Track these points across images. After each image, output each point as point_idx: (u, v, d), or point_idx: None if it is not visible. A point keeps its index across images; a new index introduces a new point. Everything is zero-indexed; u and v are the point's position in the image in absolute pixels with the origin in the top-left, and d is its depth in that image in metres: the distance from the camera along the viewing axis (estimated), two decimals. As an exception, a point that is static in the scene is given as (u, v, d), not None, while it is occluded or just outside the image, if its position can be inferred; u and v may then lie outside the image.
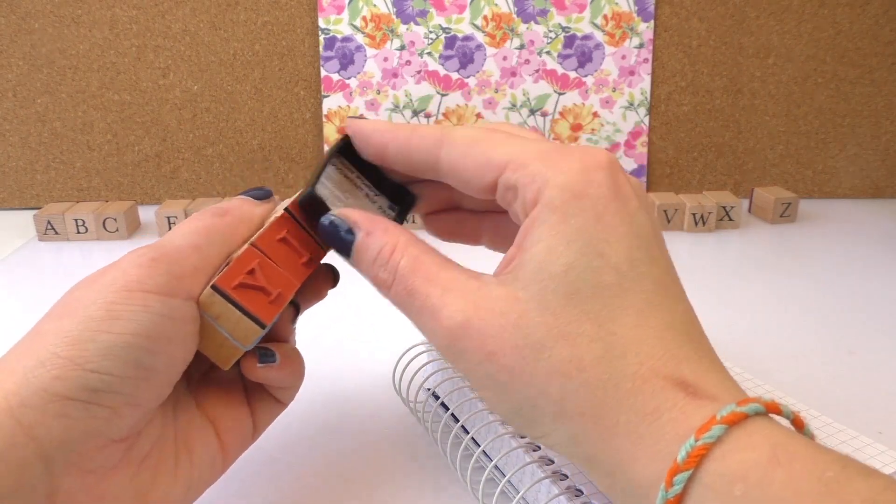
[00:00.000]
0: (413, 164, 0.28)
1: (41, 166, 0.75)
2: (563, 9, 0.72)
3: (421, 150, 0.27)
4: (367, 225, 0.26)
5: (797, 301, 0.53)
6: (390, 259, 0.25)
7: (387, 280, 0.25)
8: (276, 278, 0.28)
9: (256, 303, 0.27)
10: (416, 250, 0.25)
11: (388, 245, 0.26)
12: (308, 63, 0.73)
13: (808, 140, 0.77)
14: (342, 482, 0.33)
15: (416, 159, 0.27)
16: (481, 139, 0.26)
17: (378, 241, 0.26)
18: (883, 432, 0.36)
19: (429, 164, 0.27)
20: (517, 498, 0.29)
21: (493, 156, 0.25)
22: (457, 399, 0.34)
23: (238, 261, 0.27)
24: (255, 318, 0.26)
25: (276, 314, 0.27)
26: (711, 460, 0.19)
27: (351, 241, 0.27)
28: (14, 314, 0.52)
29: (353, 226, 0.27)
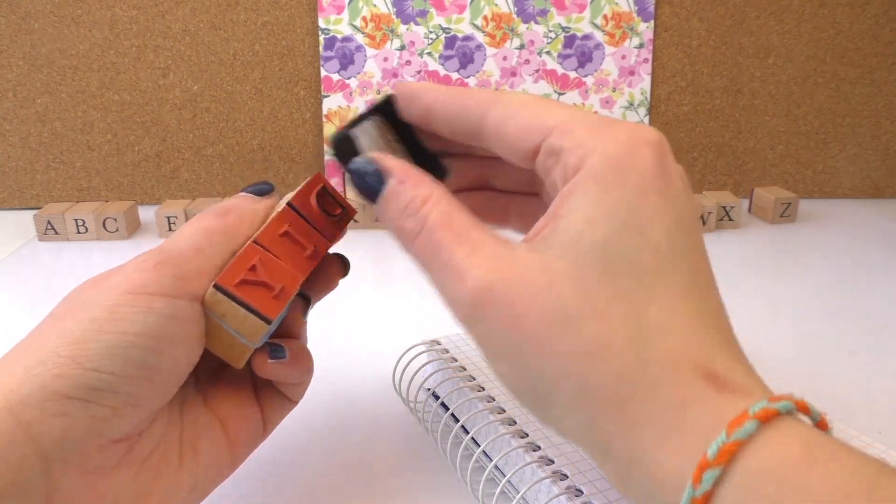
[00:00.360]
0: (458, 125, 0.26)
1: (41, 166, 0.75)
2: (563, 9, 0.72)
3: (470, 108, 0.26)
4: (401, 173, 0.25)
5: (797, 301, 0.53)
6: (421, 209, 0.24)
7: (413, 230, 0.24)
8: (279, 272, 0.28)
9: (260, 298, 0.27)
10: (448, 206, 0.24)
11: (419, 196, 0.24)
12: (308, 63, 0.73)
13: (808, 140, 0.77)
14: (342, 482, 0.33)
15: (462, 119, 0.26)
16: (532, 103, 0.25)
17: (410, 191, 0.25)
18: (883, 432, 0.36)
19: (475, 125, 0.26)
20: (517, 498, 0.29)
21: (541, 118, 0.24)
22: (457, 399, 0.34)
23: (238, 258, 0.27)
24: (259, 314, 0.26)
25: (280, 308, 0.27)
26: (743, 457, 0.18)
27: (380, 188, 0.25)
28: (14, 314, 0.52)
29: (385, 171, 0.25)
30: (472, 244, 0.23)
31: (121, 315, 0.23)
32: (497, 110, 0.25)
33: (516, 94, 0.25)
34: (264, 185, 0.30)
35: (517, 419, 0.32)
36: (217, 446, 0.28)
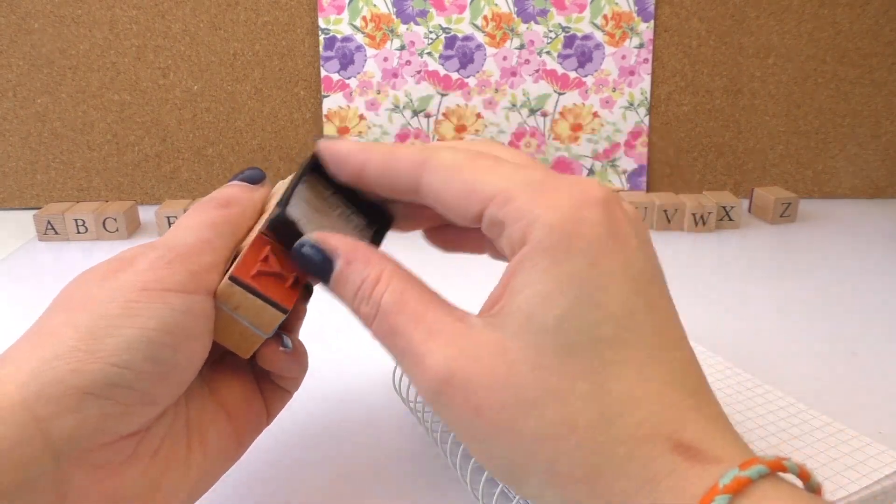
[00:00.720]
0: (393, 188, 0.26)
1: (41, 166, 0.75)
2: (563, 9, 0.72)
3: (401, 173, 0.25)
4: (348, 253, 0.25)
5: (797, 301, 0.53)
6: (373, 293, 0.24)
7: (369, 314, 0.24)
8: (290, 263, 0.27)
9: (276, 289, 0.27)
10: (400, 283, 0.24)
11: (370, 277, 0.24)
12: (308, 63, 0.73)
13: (808, 140, 0.77)
14: (342, 482, 0.33)
15: (395, 183, 0.26)
16: (465, 166, 0.24)
17: (360, 272, 0.24)
18: (883, 432, 0.36)
19: (409, 188, 0.25)
20: (517, 498, 0.29)
21: (477, 186, 0.23)
22: (457, 399, 0.34)
23: (251, 249, 0.26)
24: (276, 305, 0.26)
25: (295, 298, 0.27)
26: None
27: (329, 270, 0.25)
28: (14, 314, 0.52)
29: (331, 253, 0.25)
30: (427, 326, 0.22)
31: (137, 310, 0.23)
32: (430, 176, 0.24)
33: (447, 154, 0.24)
34: (256, 172, 0.30)
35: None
36: (223, 435, 0.28)
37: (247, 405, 0.29)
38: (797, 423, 0.33)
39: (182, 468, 0.26)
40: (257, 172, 0.30)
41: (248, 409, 0.29)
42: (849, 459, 0.31)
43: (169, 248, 0.25)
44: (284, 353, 0.29)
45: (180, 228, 0.27)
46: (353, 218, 0.30)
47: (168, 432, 0.26)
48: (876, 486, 0.29)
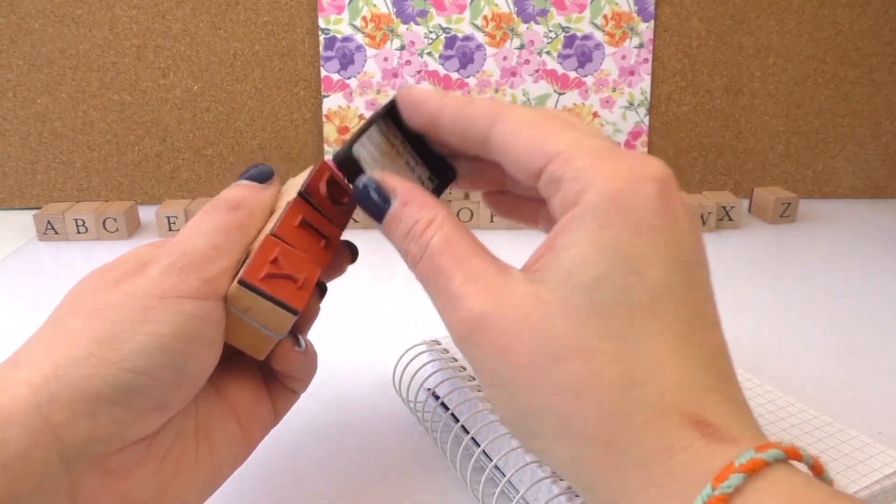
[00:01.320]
0: (464, 136, 0.26)
1: (41, 166, 0.75)
2: (563, 9, 0.72)
3: (475, 122, 0.25)
4: (405, 194, 0.25)
5: (797, 301, 0.53)
6: (423, 234, 0.24)
7: (416, 254, 0.25)
8: (300, 264, 0.27)
9: (286, 291, 0.27)
10: (450, 229, 0.24)
11: (424, 219, 0.25)
12: (308, 63, 0.73)
13: (808, 140, 0.77)
14: (342, 482, 0.33)
15: (467, 131, 0.26)
16: (538, 123, 0.24)
17: (413, 214, 0.25)
18: (883, 432, 0.36)
19: (480, 138, 0.25)
20: (517, 498, 0.29)
21: (544, 143, 0.23)
22: (457, 399, 0.34)
23: (260, 251, 0.27)
24: (287, 307, 0.26)
25: (306, 299, 0.27)
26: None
27: (385, 209, 0.26)
28: (14, 314, 0.52)
29: (390, 192, 0.26)
30: (470, 271, 0.23)
31: (154, 317, 0.23)
32: (502, 126, 0.25)
33: (522, 111, 0.25)
34: (265, 169, 0.30)
35: (517, 419, 0.32)
36: (232, 436, 0.28)
37: (255, 406, 0.29)
38: (797, 423, 0.33)
39: (191, 470, 0.26)
40: (266, 169, 0.30)
41: (257, 411, 0.29)
42: (849, 459, 0.31)
43: (181, 253, 0.25)
44: (298, 353, 0.29)
45: (191, 233, 0.27)
46: (417, 169, 0.30)
47: (178, 435, 0.26)
48: (876, 486, 0.29)
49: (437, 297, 0.24)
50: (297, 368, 0.29)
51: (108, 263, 0.27)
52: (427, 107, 0.27)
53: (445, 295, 0.23)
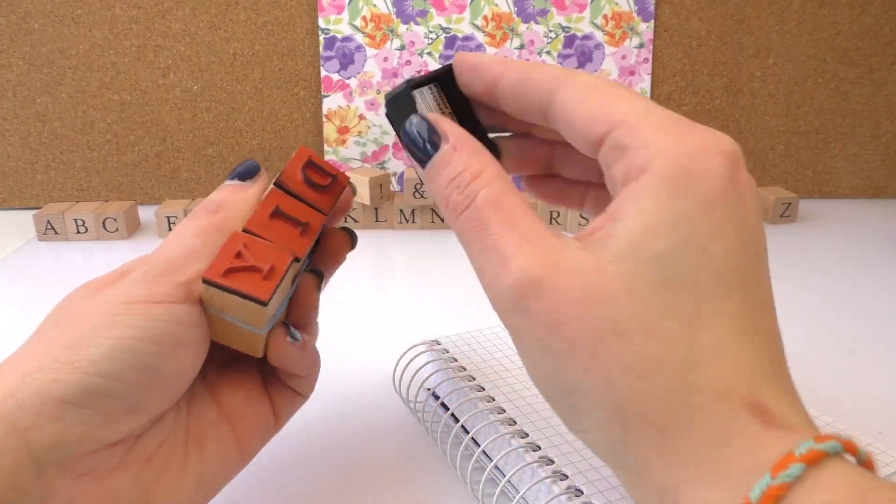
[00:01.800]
0: (524, 102, 0.25)
1: (41, 166, 0.75)
2: (563, 9, 0.72)
3: (538, 86, 0.24)
4: (457, 139, 0.24)
5: (797, 301, 0.53)
6: (471, 184, 0.23)
7: (459, 204, 0.23)
8: (265, 253, 0.27)
9: (250, 283, 0.26)
10: (502, 185, 0.23)
11: (473, 168, 0.23)
12: (308, 63, 0.73)
13: (808, 140, 0.77)
14: (342, 482, 0.33)
15: (530, 96, 0.24)
16: (603, 88, 0.23)
17: (464, 161, 0.23)
18: (883, 432, 0.36)
19: (541, 104, 0.24)
20: (517, 498, 0.29)
21: (610, 108, 0.22)
22: (457, 399, 0.34)
23: (223, 248, 0.27)
24: (253, 298, 0.26)
25: (272, 288, 0.26)
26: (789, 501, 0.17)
27: (432, 152, 0.24)
28: (14, 314, 0.52)
29: (442, 134, 0.24)
30: (521, 230, 0.21)
31: (121, 322, 0.23)
32: (566, 92, 0.23)
33: (587, 76, 0.23)
34: (250, 166, 0.30)
35: (517, 419, 0.32)
36: (224, 443, 0.28)
37: (251, 411, 0.29)
38: (797, 423, 0.33)
39: (178, 476, 0.26)
40: (252, 165, 0.30)
41: (253, 415, 0.29)
42: (849, 459, 0.30)
43: (158, 261, 0.26)
44: (293, 345, 0.28)
45: (171, 240, 0.27)
46: None
47: (165, 439, 0.26)
48: (876, 486, 0.29)
49: (480, 253, 0.22)
50: (294, 362, 0.29)
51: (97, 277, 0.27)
52: (488, 70, 0.25)
53: (491, 252, 0.21)
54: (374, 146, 0.75)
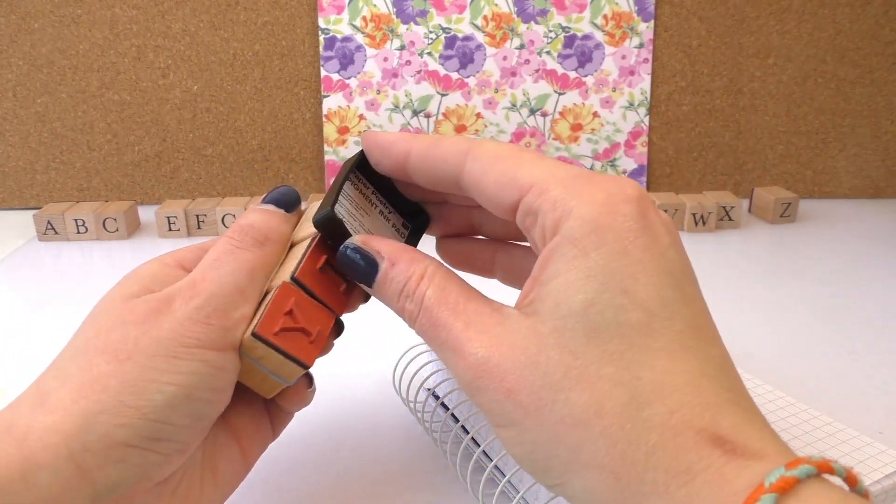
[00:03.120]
0: (435, 176, 0.26)
1: (41, 166, 0.75)
2: (563, 9, 0.72)
3: (445, 160, 0.25)
4: (391, 255, 0.25)
5: (797, 301, 0.53)
6: (416, 290, 0.24)
7: (413, 312, 0.24)
8: (315, 315, 0.27)
9: (298, 346, 0.27)
10: (442, 279, 0.24)
11: (415, 275, 0.25)
12: (308, 63, 0.73)
13: (808, 140, 0.77)
14: (342, 482, 0.33)
15: (438, 170, 0.26)
16: (508, 156, 0.24)
17: (404, 272, 0.25)
18: (883, 432, 0.36)
19: (451, 177, 0.25)
20: (517, 498, 0.29)
21: (517, 175, 0.23)
22: (457, 399, 0.34)
23: (275, 302, 0.26)
24: (298, 361, 0.26)
25: (318, 353, 0.27)
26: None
27: (374, 273, 0.25)
28: (14, 314, 0.52)
29: (376, 255, 0.26)
30: (467, 317, 0.23)
31: (180, 367, 0.24)
32: (472, 163, 0.25)
33: (492, 145, 0.25)
34: (291, 195, 0.29)
35: (517, 419, 0.32)
36: (233, 460, 0.28)
37: (255, 428, 0.30)
38: (797, 423, 0.33)
39: (196, 499, 0.27)
40: (292, 195, 0.29)
41: (257, 431, 0.30)
42: (849, 459, 0.31)
43: (208, 296, 0.25)
44: (309, 393, 0.30)
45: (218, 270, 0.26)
46: (391, 217, 0.30)
47: (186, 469, 0.26)
48: (876, 486, 0.29)
49: (441, 349, 0.24)
50: (304, 403, 0.30)
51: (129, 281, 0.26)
52: (395, 149, 0.27)
53: (447, 346, 0.23)
54: (374, 146, 0.75)
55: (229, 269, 0.26)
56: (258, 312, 0.26)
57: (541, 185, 0.23)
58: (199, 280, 0.26)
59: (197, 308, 0.25)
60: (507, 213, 0.24)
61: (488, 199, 0.24)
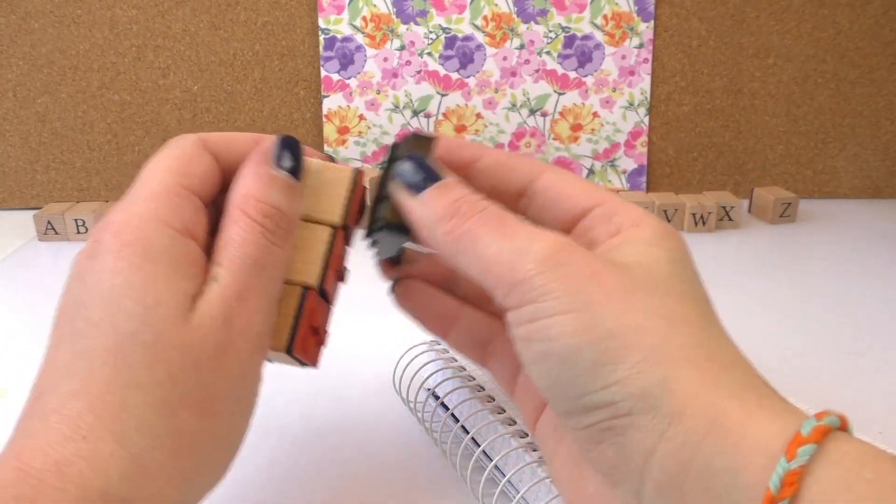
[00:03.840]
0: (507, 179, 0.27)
1: (41, 166, 0.75)
2: (563, 9, 0.72)
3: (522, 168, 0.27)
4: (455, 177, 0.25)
5: (797, 301, 0.53)
6: (480, 201, 0.24)
7: (471, 210, 0.23)
8: (326, 319, 0.28)
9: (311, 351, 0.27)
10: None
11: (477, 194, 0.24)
12: (308, 63, 0.73)
13: (808, 140, 0.77)
14: (342, 482, 0.33)
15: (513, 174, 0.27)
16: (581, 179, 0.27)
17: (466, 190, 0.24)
18: (883, 432, 0.36)
19: (523, 182, 0.27)
20: (517, 498, 0.29)
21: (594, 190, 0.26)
22: (457, 399, 0.34)
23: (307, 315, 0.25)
24: (308, 365, 0.27)
25: (321, 352, 0.28)
26: (835, 440, 0.18)
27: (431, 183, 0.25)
28: (14, 314, 0.52)
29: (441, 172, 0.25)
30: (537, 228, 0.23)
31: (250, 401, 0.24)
32: (552, 174, 0.27)
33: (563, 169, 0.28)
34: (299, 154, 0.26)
35: (517, 419, 0.32)
36: None
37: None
38: (797, 423, 0.33)
39: None
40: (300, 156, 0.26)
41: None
42: (849, 459, 0.31)
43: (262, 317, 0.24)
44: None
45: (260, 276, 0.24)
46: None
47: None
48: (876, 486, 0.29)
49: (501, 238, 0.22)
50: None
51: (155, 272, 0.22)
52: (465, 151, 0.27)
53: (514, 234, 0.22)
54: (374, 146, 0.75)
55: (272, 274, 0.24)
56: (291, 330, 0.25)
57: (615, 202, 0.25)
58: (247, 290, 0.23)
59: (258, 336, 0.24)
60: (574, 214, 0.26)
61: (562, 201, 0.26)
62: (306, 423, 0.37)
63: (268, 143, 0.26)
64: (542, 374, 0.22)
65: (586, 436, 0.21)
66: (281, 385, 0.40)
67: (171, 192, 0.24)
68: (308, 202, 0.26)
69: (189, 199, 0.24)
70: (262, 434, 0.36)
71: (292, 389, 0.40)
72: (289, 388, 0.40)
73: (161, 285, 0.22)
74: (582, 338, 0.21)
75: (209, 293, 0.23)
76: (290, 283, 0.25)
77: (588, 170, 0.76)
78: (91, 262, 0.23)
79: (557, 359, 0.21)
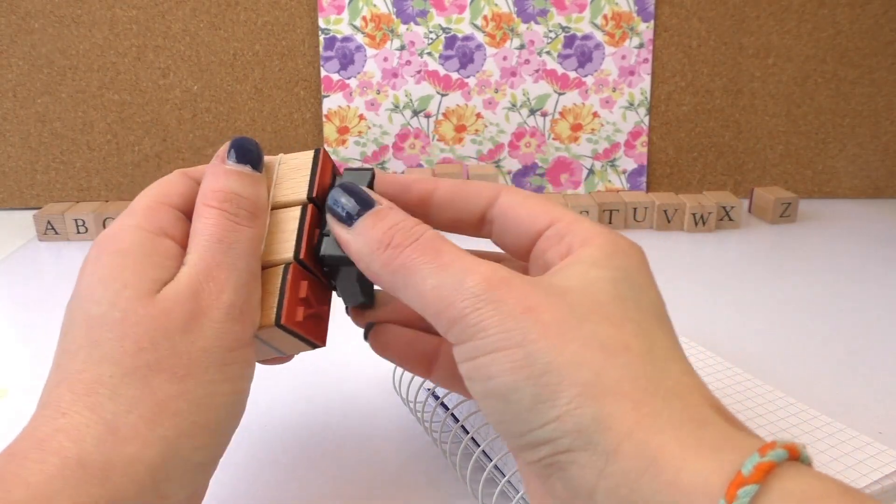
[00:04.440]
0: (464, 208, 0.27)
1: (41, 166, 0.75)
2: (563, 9, 0.72)
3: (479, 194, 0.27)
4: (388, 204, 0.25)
5: (797, 301, 0.53)
6: (415, 227, 0.24)
7: (405, 240, 0.23)
8: (321, 295, 0.27)
9: (315, 329, 0.27)
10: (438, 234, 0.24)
11: (410, 220, 0.24)
12: (308, 63, 0.73)
13: (808, 140, 0.77)
14: (342, 482, 0.33)
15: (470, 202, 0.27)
16: (537, 196, 0.27)
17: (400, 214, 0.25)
18: (883, 432, 0.36)
19: (481, 208, 0.27)
20: (517, 497, 0.29)
21: (548, 209, 0.26)
22: (456, 399, 0.34)
23: (291, 287, 0.25)
24: (314, 343, 0.27)
25: (326, 331, 0.28)
26: (779, 477, 0.17)
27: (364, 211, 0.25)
28: (14, 314, 0.52)
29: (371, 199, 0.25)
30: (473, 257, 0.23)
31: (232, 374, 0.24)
32: (508, 196, 0.27)
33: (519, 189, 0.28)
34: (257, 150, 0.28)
35: (517, 419, 0.32)
36: None
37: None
38: (797, 423, 0.33)
39: None
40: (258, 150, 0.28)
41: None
42: (849, 459, 0.31)
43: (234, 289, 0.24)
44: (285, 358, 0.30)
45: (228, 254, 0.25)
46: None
47: None
48: (876, 486, 0.29)
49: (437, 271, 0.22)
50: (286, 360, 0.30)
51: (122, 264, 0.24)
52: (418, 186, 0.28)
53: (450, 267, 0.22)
54: (374, 146, 0.75)
55: (239, 251, 0.25)
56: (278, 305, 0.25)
57: (570, 220, 0.25)
58: (215, 266, 0.24)
59: (230, 305, 0.24)
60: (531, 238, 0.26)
61: (518, 225, 0.26)
62: (306, 423, 0.37)
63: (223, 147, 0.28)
64: (488, 411, 0.22)
65: (536, 471, 0.21)
66: (281, 385, 0.40)
67: (149, 207, 0.26)
68: (278, 191, 0.28)
69: (167, 210, 0.26)
70: (263, 434, 0.36)
71: (293, 389, 0.40)
72: (289, 388, 0.40)
73: (129, 273, 0.23)
74: (519, 375, 0.20)
75: (179, 275, 0.24)
76: (272, 264, 0.26)
77: (588, 170, 0.76)
78: (79, 273, 0.25)
79: (498, 396, 0.21)
